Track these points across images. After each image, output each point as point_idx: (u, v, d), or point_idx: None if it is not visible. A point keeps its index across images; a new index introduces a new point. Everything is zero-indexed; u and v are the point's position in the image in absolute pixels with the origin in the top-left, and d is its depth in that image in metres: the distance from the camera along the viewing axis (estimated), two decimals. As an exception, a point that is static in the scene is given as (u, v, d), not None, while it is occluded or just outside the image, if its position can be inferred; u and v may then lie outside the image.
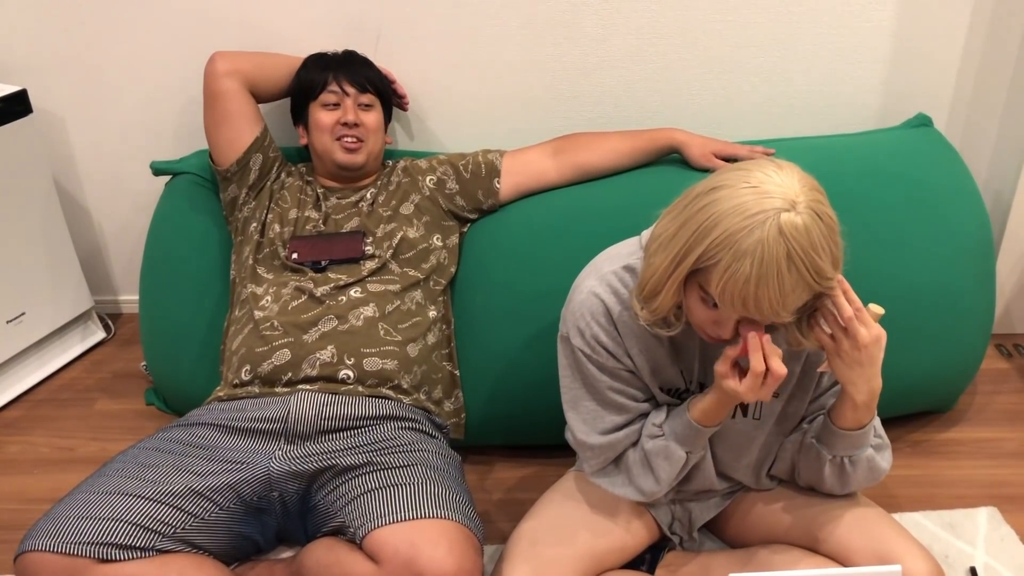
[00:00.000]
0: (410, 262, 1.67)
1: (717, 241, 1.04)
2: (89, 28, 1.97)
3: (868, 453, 1.27)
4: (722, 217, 1.03)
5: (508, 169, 1.77)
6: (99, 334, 2.25)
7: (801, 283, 1.03)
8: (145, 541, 1.27)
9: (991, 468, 1.75)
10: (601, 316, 1.26)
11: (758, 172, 1.05)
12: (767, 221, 1.01)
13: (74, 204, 2.21)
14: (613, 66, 1.97)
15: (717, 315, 1.12)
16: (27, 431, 1.94)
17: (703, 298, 1.11)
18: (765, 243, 1.01)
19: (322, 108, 1.74)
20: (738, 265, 1.02)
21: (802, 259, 1.02)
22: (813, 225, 1.02)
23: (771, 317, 1.06)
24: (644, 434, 1.31)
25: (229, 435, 1.45)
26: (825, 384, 1.31)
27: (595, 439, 1.32)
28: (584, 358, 1.28)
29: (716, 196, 1.06)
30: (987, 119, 2.04)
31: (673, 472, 1.29)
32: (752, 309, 1.05)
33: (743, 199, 1.03)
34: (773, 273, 1.01)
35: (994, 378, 2.01)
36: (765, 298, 1.03)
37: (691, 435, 1.27)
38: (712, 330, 1.15)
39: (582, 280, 1.30)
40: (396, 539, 1.23)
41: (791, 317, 1.08)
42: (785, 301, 1.04)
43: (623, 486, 1.35)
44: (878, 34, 1.93)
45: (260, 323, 1.57)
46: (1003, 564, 1.51)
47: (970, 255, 1.74)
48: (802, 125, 2.04)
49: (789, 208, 1.02)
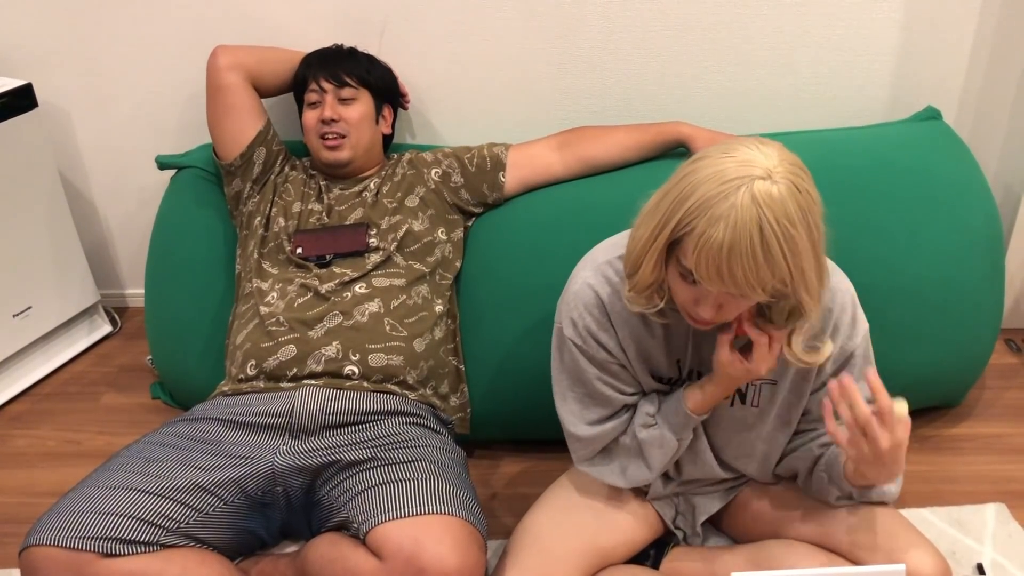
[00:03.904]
0: (415, 255, 1.67)
1: (693, 207, 1.04)
2: (94, 22, 1.97)
3: (879, 489, 1.28)
4: (699, 184, 1.04)
5: (513, 163, 1.77)
6: (105, 328, 2.26)
7: (774, 254, 1.02)
8: (149, 536, 1.27)
9: (999, 464, 1.74)
10: (594, 307, 1.26)
11: (740, 146, 1.06)
12: (741, 187, 1.02)
13: (80, 198, 2.21)
14: (619, 59, 1.96)
15: (697, 292, 1.12)
16: (33, 425, 1.95)
17: (682, 274, 1.11)
18: (737, 208, 1.01)
19: (307, 107, 1.74)
20: (712, 231, 1.02)
21: (774, 229, 1.01)
22: (789, 196, 1.02)
23: (747, 291, 1.05)
24: (637, 423, 1.31)
25: (234, 430, 1.45)
26: (827, 373, 1.30)
27: (583, 430, 1.33)
28: (575, 348, 1.28)
29: (696, 166, 1.07)
30: (997, 112, 2.02)
31: (665, 459, 1.31)
32: (727, 279, 1.04)
33: (720, 167, 1.04)
34: (746, 240, 1.01)
35: (1003, 373, 2.00)
36: (739, 267, 1.02)
37: (685, 423, 1.28)
38: (694, 311, 1.14)
39: (578, 271, 1.30)
40: (400, 535, 1.23)
41: (766, 297, 1.07)
42: (759, 272, 1.03)
43: (612, 474, 1.36)
44: (887, 26, 1.92)
45: (266, 319, 1.56)
46: (1011, 560, 1.50)
47: (979, 249, 1.72)
48: (810, 118, 2.03)
49: (765, 177, 1.02)
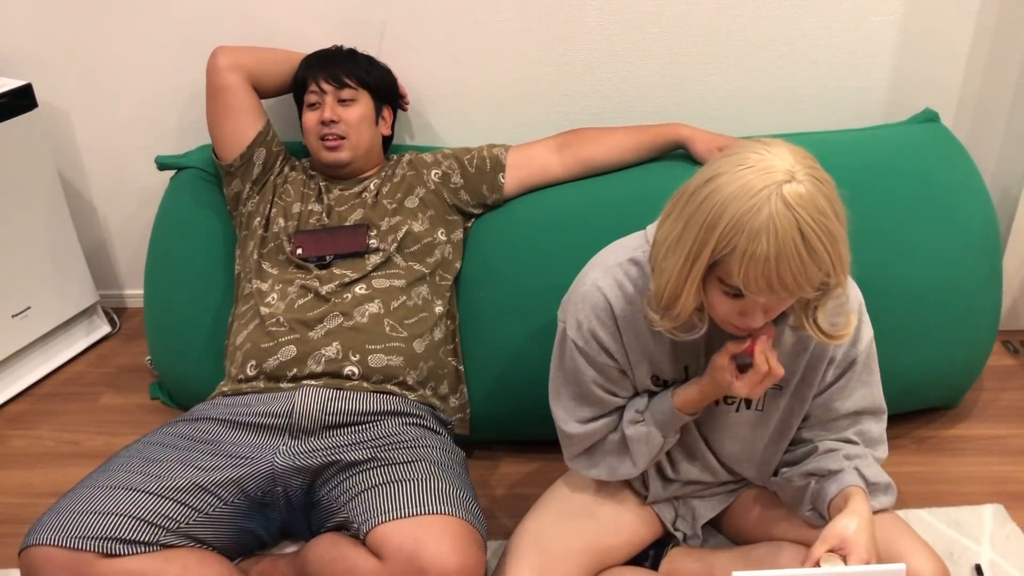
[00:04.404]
0: (415, 256, 1.67)
1: (728, 227, 1.03)
2: (94, 23, 1.97)
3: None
4: (727, 203, 1.03)
5: (513, 164, 1.77)
6: (104, 328, 2.26)
7: (817, 251, 1.03)
8: (149, 536, 1.27)
9: (997, 465, 1.74)
10: (601, 310, 1.25)
11: (749, 153, 1.06)
12: (772, 196, 1.01)
13: (79, 198, 2.21)
14: (618, 61, 1.96)
15: (742, 305, 1.11)
16: (32, 425, 1.95)
17: (724, 291, 1.10)
18: (775, 217, 1.01)
19: (307, 109, 1.74)
20: (755, 246, 1.02)
21: (812, 226, 1.02)
22: (816, 191, 1.03)
23: (796, 292, 1.05)
24: (625, 419, 1.32)
25: (234, 430, 1.45)
26: (828, 380, 1.30)
27: (574, 427, 1.33)
28: (575, 349, 1.28)
29: (715, 185, 1.05)
30: (995, 114, 2.02)
31: (650, 455, 1.32)
32: (777, 287, 1.04)
33: (743, 180, 1.03)
34: (790, 245, 1.01)
35: (1000, 375, 2.00)
36: (788, 272, 1.02)
37: (671, 421, 1.28)
38: (740, 321, 1.14)
39: (586, 272, 1.30)
40: (400, 535, 1.23)
41: (813, 292, 1.08)
42: (807, 272, 1.03)
43: (598, 468, 1.37)
44: (885, 28, 1.92)
45: (266, 319, 1.57)
46: (1009, 561, 1.50)
47: (977, 251, 1.73)
48: (808, 120, 2.03)
49: (789, 179, 1.02)
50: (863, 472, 1.26)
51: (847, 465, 1.27)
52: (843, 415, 1.31)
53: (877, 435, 1.33)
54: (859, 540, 1.14)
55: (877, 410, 1.33)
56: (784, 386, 1.31)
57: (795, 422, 1.34)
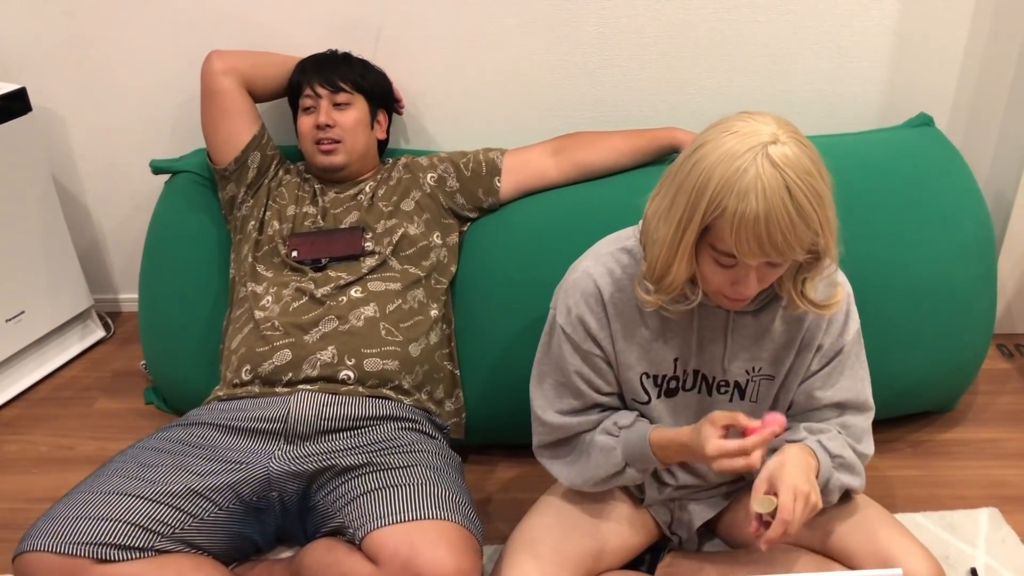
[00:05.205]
0: (410, 259, 1.67)
1: (717, 189, 1.05)
2: (88, 26, 1.97)
3: (833, 482, 1.26)
4: (715, 166, 1.06)
5: (509, 167, 1.77)
6: (98, 333, 2.25)
7: (805, 208, 1.05)
8: (144, 541, 1.27)
9: (992, 469, 1.75)
10: (590, 296, 1.26)
11: (735, 121, 1.09)
12: (758, 156, 1.04)
13: (73, 203, 2.21)
14: (614, 65, 1.96)
15: (735, 273, 1.12)
16: (26, 430, 1.94)
17: (716, 259, 1.11)
18: (762, 176, 1.03)
19: (302, 113, 1.75)
20: (744, 205, 1.03)
21: (799, 184, 1.04)
22: (801, 152, 1.06)
23: (787, 253, 1.07)
24: (601, 427, 1.31)
25: (229, 435, 1.45)
26: (813, 368, 1.30)
27: (551, 416, 1.33)
28: (562, 335, 1.29)
29: (703, 152, 1.08)
30: (989, 118, 2.03)
31: (601, 473, 1.31)
32: (768, 247, 1.05)
33: (729, 144, 1.06)
34: (779, 202, 1.03)
35: (995, 378, 2.01)
36: (777, 231, 1.04)
37: (639, 453, 1.27)
38: (732, 291, 1.15)
39: (579, 261, 1.31)
40: (395, 540, 1.22)
41: (803, 255, 1.09)
42: (796, 231, 1.05)
43: (560, 467, 1.36)
44: (879, 33, 1.93)
45: (261, 323, 1.56)
46: (1004, 565, 1.51)
47: (971, 255, 1.73)
48: (803, 124, 2.00)
49: (774, 141, 1.05)
50: (825, 444, 1.25)
51: (808, 436, 1.27)
52: (826, 405, 1.31)
53: (861, 430, 1.32)
54: (781, 475, 1.14)
55: (862, 405, 1.32)
56: (776, 375, 1.31)
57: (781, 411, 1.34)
